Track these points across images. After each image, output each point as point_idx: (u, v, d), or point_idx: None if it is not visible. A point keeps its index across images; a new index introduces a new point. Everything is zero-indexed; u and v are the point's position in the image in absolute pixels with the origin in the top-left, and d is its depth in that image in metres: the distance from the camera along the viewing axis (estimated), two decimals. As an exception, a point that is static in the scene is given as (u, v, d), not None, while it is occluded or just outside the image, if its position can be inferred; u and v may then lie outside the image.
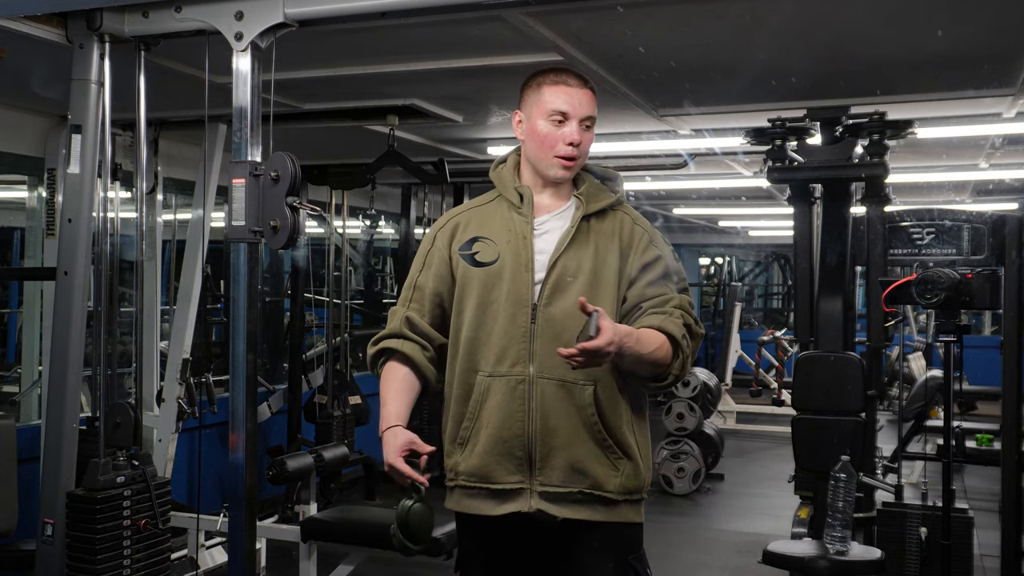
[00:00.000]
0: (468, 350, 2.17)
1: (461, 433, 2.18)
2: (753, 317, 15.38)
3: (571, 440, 2.10)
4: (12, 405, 5.55)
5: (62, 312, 2.92)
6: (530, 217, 2.20)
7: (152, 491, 3.06)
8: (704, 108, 4.47)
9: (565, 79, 2.19)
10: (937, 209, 3.88)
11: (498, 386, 2.12)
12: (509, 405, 2.11)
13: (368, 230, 8.15)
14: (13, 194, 6.52)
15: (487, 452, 2.13)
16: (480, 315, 2.16)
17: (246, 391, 2.65)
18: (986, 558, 4.93)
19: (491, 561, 2.23)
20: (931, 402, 6.51)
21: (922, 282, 3.33)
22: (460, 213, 2.31)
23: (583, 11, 2.98)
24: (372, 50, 3.50)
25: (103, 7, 2.75)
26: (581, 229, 2.18)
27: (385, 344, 2.25)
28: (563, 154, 2.17)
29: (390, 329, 2.25)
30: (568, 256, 2.15)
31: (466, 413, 2.17)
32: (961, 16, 3.06)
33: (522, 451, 2.11)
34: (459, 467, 2.18)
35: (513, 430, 2.11)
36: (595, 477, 2.10)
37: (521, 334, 2.12)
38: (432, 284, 2.25)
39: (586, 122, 2.19)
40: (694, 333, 2.14)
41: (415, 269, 2.29)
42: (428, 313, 2.25)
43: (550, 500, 2.11)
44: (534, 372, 2.11)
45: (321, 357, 6.55)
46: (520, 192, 2.23)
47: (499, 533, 2.17)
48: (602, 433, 2.11)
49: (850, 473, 3.50)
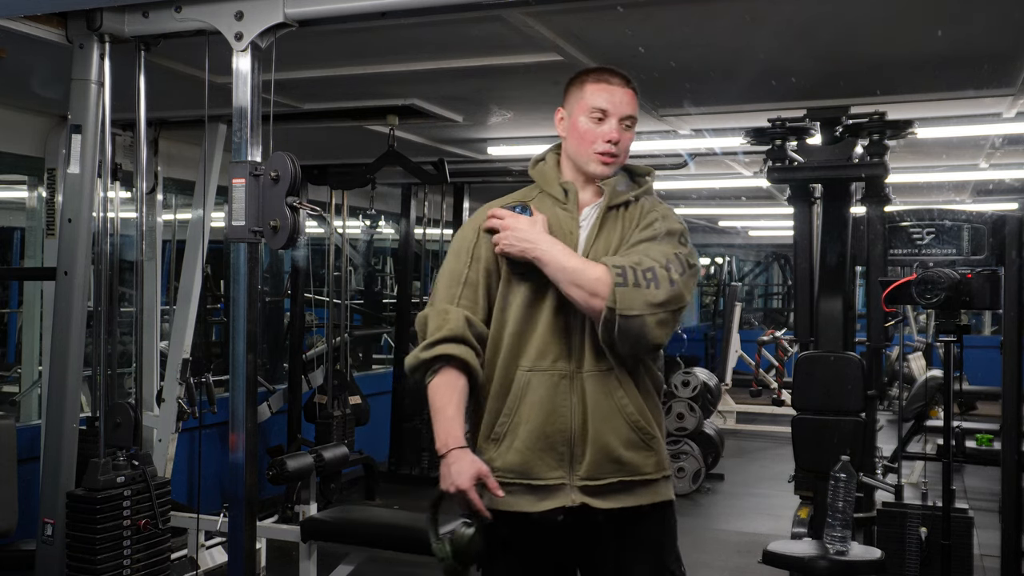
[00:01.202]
0: (511, 346, 2.15)
1: (496, 429, 2.16)
2: (753, 317, 15.38)
3: (607, 430, 2.11)
4: (12, 405, 5.55)
5: (62, 312, 2.92)
6: (575, 213, 2.21)
7: (152, 491, 3.06)
8: (704, 108, 4.47)
9: (607, 78, 2.21)
10: (937, 209, 3.88)
11: (538, 381, 2.11)
12: (552, 400, 2.11)
13: (368, 230, 8.15)
14: (13, 194, 6.52)
15: (528, 448, 2.11)
16: (527, 311, 2.15)
17: (246, 391, 2.65)
18: (986, 558, 4.93)
19: (522, 558, 2.21)
20: (931, 402, 6.51)
21: (922, 282, 3.33)
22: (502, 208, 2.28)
23: (583, 11, 2.98)
24: (372, 50, 3.50)
25: (103, 7, 2.75)
26: (608, 218, 2.20)
27: (447, 350, 2.12)
28: (602, 150, 2.18)
29: (450, 331, 2.12)
30: (598, 244, 2.18)
31: (503, 409, 2.15)
32: (961, 16, 3.06)
33: (564, 446, 2.11)
34: (495, 463, 2.14)
35: (557, 425, 2.11)
36: (631, 462, 2.12)
37: (563, 329, 2.13)
38: (483, 280, 2.20)
39: (626, 121, 2.20)
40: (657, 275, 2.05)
41: (459, 263, 2.21)
42: (480, 310, 2.19)
43: (591, 493, 2.11)
44: (575, 367, 2.12)
45: (321, 357, 6.55)
46: (565, 187, 2.24)
47: (535, 529, 2.16)
48: (634, 415, 2.12)
49: (850, 473, 3.50)
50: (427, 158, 5.75)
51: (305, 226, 2.70)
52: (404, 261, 7.34)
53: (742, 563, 5.14)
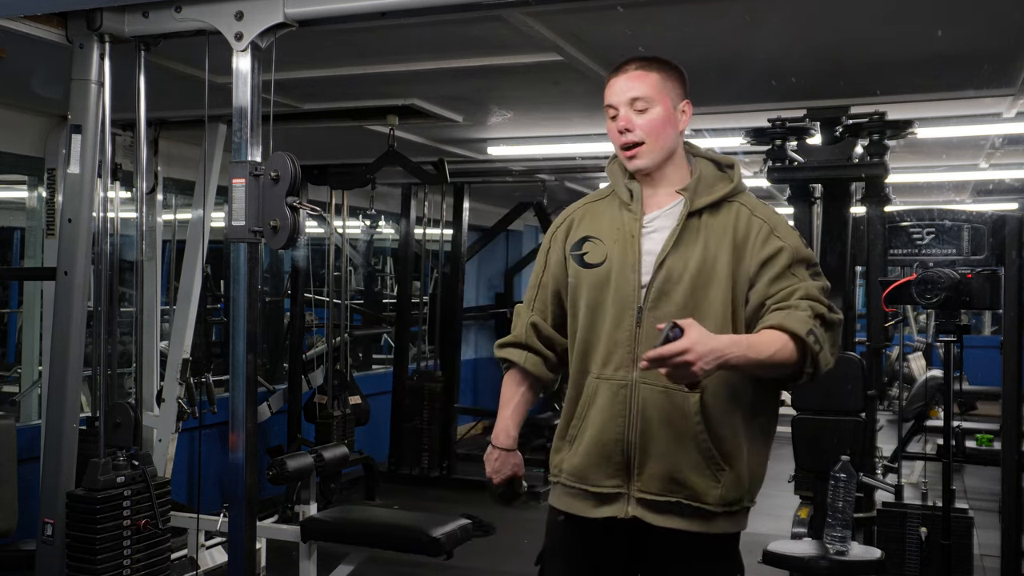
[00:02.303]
0: (580, 352, 2.16)
1: (570, 432, 2.17)
2: (753, 317, 15.35)
3: (671, 448, 2.04)
4: (12, 405, 5.55)
5: (62, 312, 2.92)
6: (639, 215, 2.13)
7: (152, 491, 3.05)
8: (704, 108, 4.46)
9: (615, 72, 2.16)
10: (937, 209, 3.87)
11: (604, 389, 2.10)
12: (611, 409, 2.09)
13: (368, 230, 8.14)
14: (13, 194, 6.51)
15: (588, 454, 2.12)
16: (591, 317, 2.14)
17: (246, 391, 2.65)
18: (986, 558, 4.93)
19: (578, 561, 2.22)
20: (931, 402, 6.51)
21: (922, 282, 3.34)
22: (576, 209, 2.27)
23: (583, 11, 2.98)
24: (372, 50, 3.50)
25: (103, 7, 2.75)
26: (689, 227, 2.08)
27: (508, 354, 2.29)
28: (621, 143, 2.12)
29: (515, 335, 2.29)
30: (674, 257, 2.06)
31: (575, 413, 2.16)
32: (961, 16, 3.06)
33: (621, 456, 2.08)
34: (563, 464, 2.17)
35: (612, 434, 2.08)
36: (694, 488, 2.04)
37: (626, 338, 2.08)
38: (552, 284, 2.25)
39: (637, 104, 2.10)
40: (829, 321, 2.00)
41: (539, 266, 2.29)
42: (551, 314, 2.26)
43: (647, 507, 2.07)
44: (637, 377, 2.06)
45: (321, 357, 6.55)
46: (630, 189, 2.17)
47: (592, 535, 2.16)
48: (707, 443, 2.03)
49: (850, 473, 3.50)
50: (427, 158, 5.75)
51: (305, 226, 2.70)
52: (404, 261, 7.33)
53: (742, 563, 5.13)
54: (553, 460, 2.22)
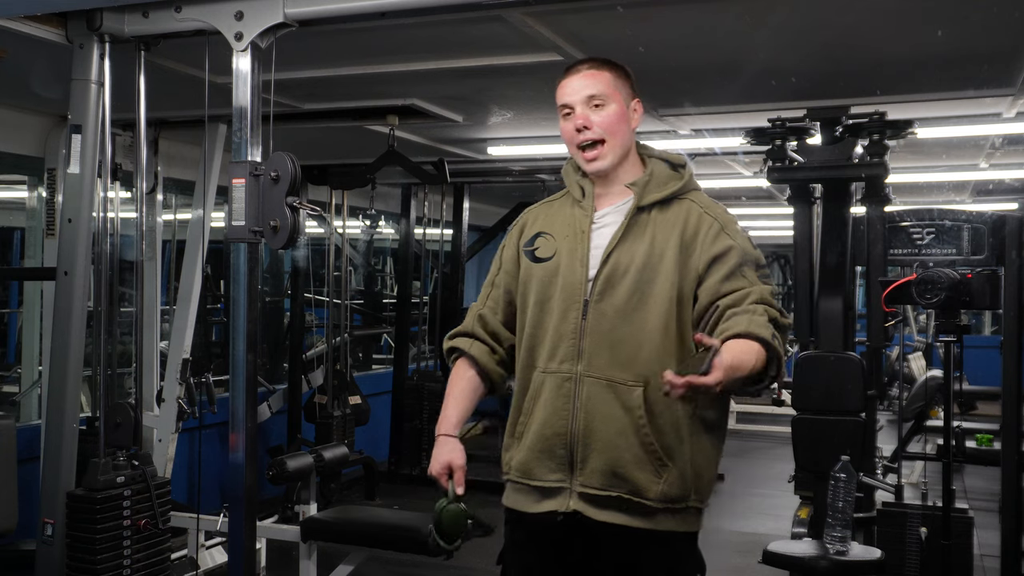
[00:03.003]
0: (528, 347, 2.17)
1: (517, 428, 2.18)
2: (753, 317, 15.35)
3: (614, 442, 2.04)
4: (12, 405, 5.55)
5: (62, 312, 2.93)
6: (590, 211, 2.16)
7: (152, 491, 3.06)
8: (704, 108, 4.47)
9: (567, 73, 2.18)
10: (937, 209, 3.87)
11: (549, 383, 2.11)
12: (554, 403, 2.09)
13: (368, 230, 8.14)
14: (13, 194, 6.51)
15: (531, 448, 2.12)
16: (539, 311, 2.15)
17: (246, 391, 2.65)
18: (986, 558, 4.93)
19: (528, 558, 2.22)
20: (931, 402, 6.51)
21: (922, 282, 3.34)
22: (532, 210, 2.32)
23: (583, 11, 2.98)
24: (372, 50, 3.50)
25: (103, 7, 2.76)
26: (637, 222, 2.10)
27: (454, 343, 2.29)
28: (579, 142, 2.13)
29: (464, 326, 2.30)
30: (620, 250, 2.09)
31: (523, 408, 2.17)
32: (961, 16, 3.06)
33: (563, 449, 2.08)
34: (512, 461, 2.19)
35: (555, 428, 2.09)
36: (635, 482, 2.04)
37: (571, 330, 2.09)
38: (504, 281, 2.26)
39: (593, 101, 2.11)
40: (780, 325, 2.02)
41: (494, 267, 2.32)
42: (502, 311, 2.27)
43: (588, 501, 2.08)
44: (581, 370, 2.07)
45: (321, 357, 6.55)
46: (582, 186, 2.20)
47: (538, 531, 2.16)
48: (650, 437, 2.03)
49: (850, 473, 3.50)
50: (427, 158, 5.75)
51: (305, 226, 2.71)
52: (404, 261, 7.34)
53: (742, 563, 5.13)
54: (504, 457, 2.23)
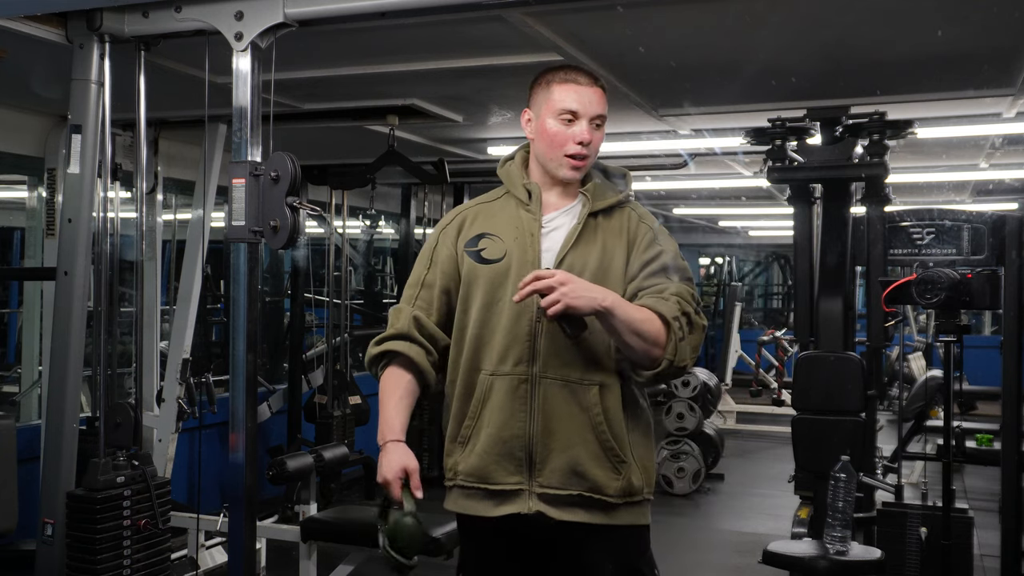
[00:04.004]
0: (473, 348, 2.14)
1: (462, 432, 2.15)
2: (753, 317, 15.38)
3: (572, 441, 2.07)
4: (12, 405, 5.55)
5: (62, 312, 2.92)
6: (538, 214, 2.17)
7: (152, 491, 3.06)
8: (704, 108, 4.47)
9: (575, 77, 2.16)
10: (937, 209, 3.88)
11: (500, 385, 2.10)
12: (511, 405, 2.09)
13: (368, 230, 8.15)
14: (13, 194, 6.51)
15: (486, 452, 2.10)
16: (486, 313, 2.13)
17: (246, 391, 2.65)
18: (986, 558, 4.93)
19: (489, 563, 2.21)
20: (931, 402, 6.51)
21: (922, 282, 3.34)
22: (466, 209, 2.28)
23: (583, 11, 2.98)
24: (372, 50, 3.50)
25: (103, 7, 2.76)
26: (588, 226, 2.15)
27: (390, 346, 2.18)
28: (573, 153, 2.14)
29: (396, 329, 2.19)
30: (575, 254, 2.12)
31: (468, 412, 2.14)
32: (961, 16, 3.06)
33: (522, 451, 2.08)
34: (458, 467, 2.15)
35: (514, 430, 2.08)
36: (594, 480, 2.07)
37: (525, 333, 2.09)
38: (440, 281, 2.21)
39: (596, 120, 2.15)
40: (693, 322, 2.08)
41: (421, 266, 2.25)
42: (435, 312, 2.20)
43: (548, 502, 2.08)
44: (537, 372, 2.08)
45: (321, 357, 6.55)
46: (529, 189, 2.20)
47: (497, 535, 2.15)
48: (606, 434, 2.08)
49: (850, 473, 3.50)
50: (427, 158, 5.75)
51: (305, 226, 2.70)
52: (404, 261, 7.33)
53: (742, 563, 5.14)
54: (447, 463, 2.19)
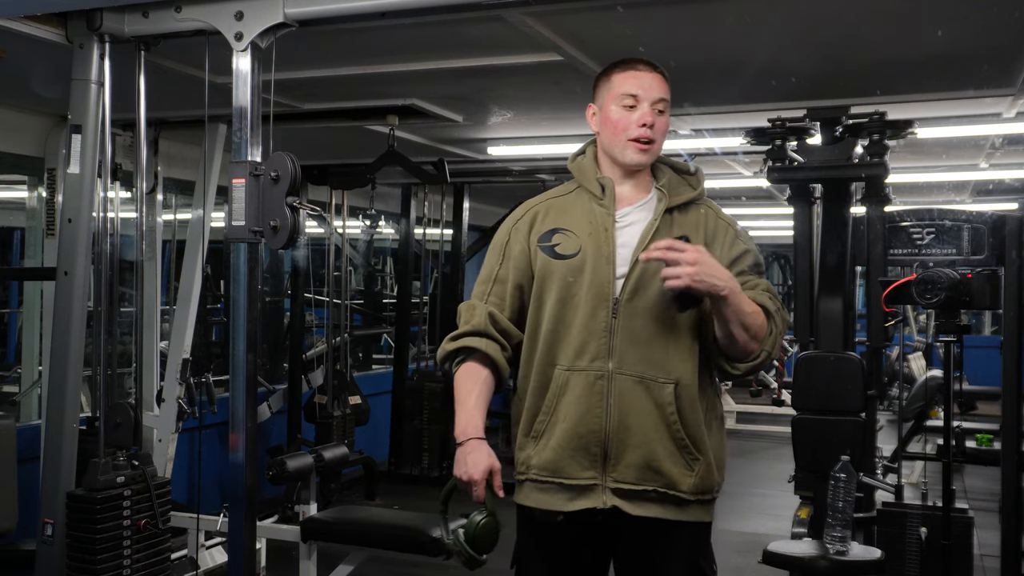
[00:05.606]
0: (547, 343, 2.14)
1: (536, 427, 2.15)
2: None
3: (647, 438, 2.07)
4: (12, 405, 5.55)
5: (62, 312, 2.92)
6: (612, 209, 2.16)
7: (152, 491, 3.06)
8: (704, 108, 4.46)
9: (634, 65, 2.18)
10: (937, 209, 3.87)
11: (576, 381, 2.10)
12: (587, 400, 2.08)
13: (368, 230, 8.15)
14: (13, 194, 6.51)
15: (562, 447, 2.10)
16: (561, 309, 2.13)
17: (246, 391, 2.65)
18: (986, 558, 4.93)
19: (554, 557, 2.21)
20: (931, 402, 6.50)
21: (922, 282, 3.33)
22: (537, 204, 2.27)
23: (583, 11, 2.98)
24: (372, 50, 3.50)
25: (103, 7, 2.76)
26: (664, 222, 2.14)
27: (467, 343, 2.17)
28: (637, 136, 2.13)
29: (472, 325, 2.18)
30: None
31: (542, 407, 2.14)
32: (961, 16, 3.06)
33: (598, 447, 2.08)
34: (531, 460, 2.15)
35: (590, 426, 2.08)
36: (669, 476, 2.08)
37: (602, 329, 2.09)
38: (513, 277, 2.20)
39: (658, 105, 2.15)
40: (783, 316, 2.16)
41: (493, 261, 2.23)
42: (509, 307, 2.20)
43: (623, 497, 2.09)
44: (613, 368, 2.08)
45: (321, 357, 6.55)
46: (602, 183, 2.18)
47: (567, 529, 2.15)
48: (680, 432, 2.08)
49: (850, 473, 3.50)
50: (427, 158, 5.75)
51: (305, 226, 2.70)
52: (404, 261, 7.34)
53: (742, 563, 5.13)
54: (519, 457, 2.19)
